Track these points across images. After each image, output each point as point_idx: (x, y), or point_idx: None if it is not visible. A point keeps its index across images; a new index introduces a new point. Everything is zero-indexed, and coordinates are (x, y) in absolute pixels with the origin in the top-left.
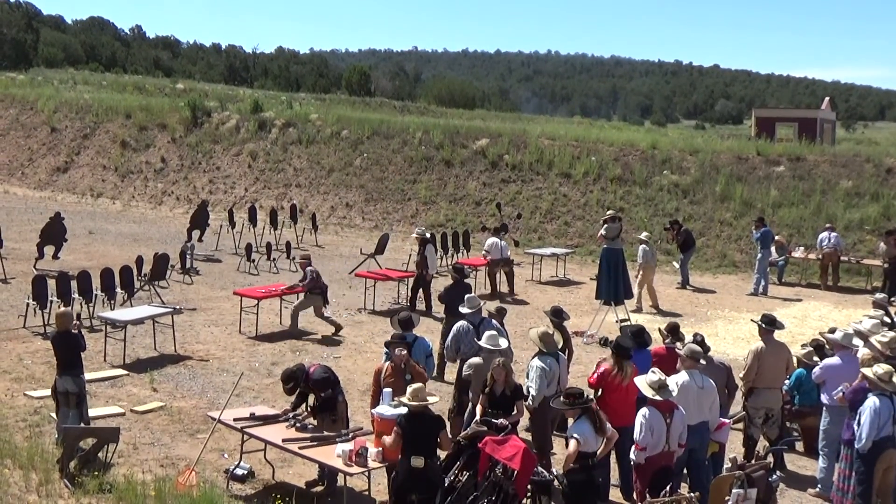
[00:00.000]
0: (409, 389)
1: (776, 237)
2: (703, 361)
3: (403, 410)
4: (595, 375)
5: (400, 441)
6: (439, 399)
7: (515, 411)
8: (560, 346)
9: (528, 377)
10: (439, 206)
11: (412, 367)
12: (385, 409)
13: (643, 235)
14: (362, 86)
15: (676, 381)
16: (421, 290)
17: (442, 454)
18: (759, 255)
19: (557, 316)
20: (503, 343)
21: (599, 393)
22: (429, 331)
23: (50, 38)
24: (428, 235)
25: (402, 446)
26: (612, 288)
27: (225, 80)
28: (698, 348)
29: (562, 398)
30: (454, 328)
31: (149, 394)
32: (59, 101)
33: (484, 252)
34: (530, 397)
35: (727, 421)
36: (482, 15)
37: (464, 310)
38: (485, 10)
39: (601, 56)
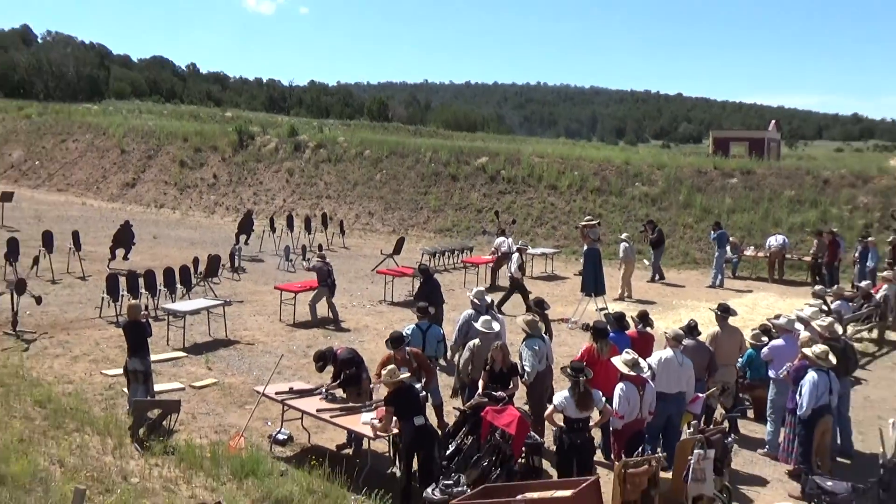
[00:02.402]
0: (384, 372)
1: (731, 238)
2: (685, 343)
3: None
4: (580, 355)
5: (392, 415)
6: (409, 374)
7: (512, 385)
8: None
9: (521, 357)
10: (447, 213)
11: (420, 358)
12: (366, 416)
13: (624, 236)
14: (381, 113)
15: (661, 356)
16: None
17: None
18: (717, 254)
19: (540, 306)
20: (496, 326)
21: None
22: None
23: (119, 75)
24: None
25: (399, 415)
26: (593, 282)
27: (266, 109)
28: (681, 332)
29: (569, 370)
30: (461, 317)
31: (204, 372)
32: (127, 127)
33: (493, 249)
34: (526, 374)
35: (701, 395)
36: (482, 52)
37: (473, 299)
38: (484, 48)
39: (582, 86)
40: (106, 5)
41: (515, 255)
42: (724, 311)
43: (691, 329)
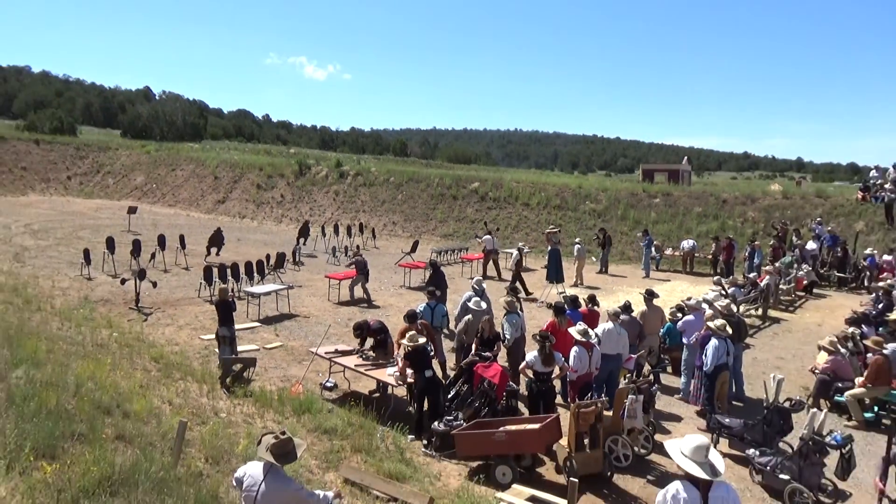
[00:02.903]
0: (407, 336)
1: (654, 242)
2: (622, 317)
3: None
4: (546, 326)
5: (407, 365)
6: (425, 340)
7: (496, 348)
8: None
9: (503, 328)
10: (449, 223)
11: (427, 328)
12: (390, 369)
13: (577, 240)
14: (402, 150)
15: (604, 327)
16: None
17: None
18: (644, 253)
19: (514, 291)
20: (483, 305)
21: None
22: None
23: (213, 122)
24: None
25: (414, 368)
26: (555, 273)
27: (319, 147)
28: (618, 309)
29: (538, 336)
30: (464, 297)
31: (273, 337)
32: (219, 160)
33: (480, 241)
34: (507, 340)
35: (634, 356)
36: (476, 105)
37: (473, 285)
38: (477, 102)
39: (547, 131)
40: (205, 71)
41: (515, 252)
42: (650, 295)
43: (626, 308)
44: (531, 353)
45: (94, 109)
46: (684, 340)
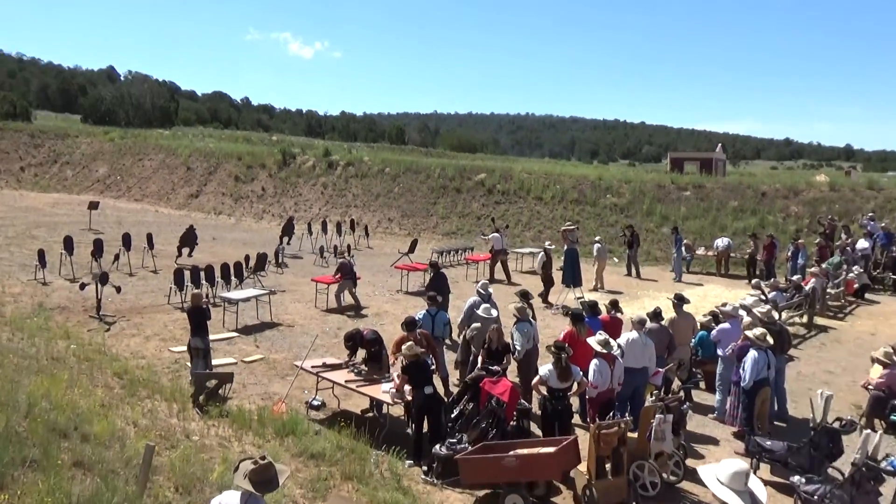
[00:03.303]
0: (405, 346)
1: (685, 241)
2: (649, 326)
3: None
4: (562, 336)
5: (406, 382)
6: (424, 351)
7: (505, 361)
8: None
9: (513, 338)
10: (452, 220)
11: (427, 339)
12: (386, 386)
13: (597, 238)
14: (399, 137)
15: (628, 336)
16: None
17: (439, 385)
18: (675, 254)
19: (525, 297)
20: (494, 313)
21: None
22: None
23: (186, 106)
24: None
25: (413, 384)
26: (572, 276)
27: (305, 134)
28: (644, 317)
29: (553, 348)
30: (468, 302)
31: (253, 349)
32: (192, 148)
33: (487, 240)
34: (517, 352)
35: (662, 370)
36: (482, 87)
37: (479, 289)
38: (484, 83)
39: (563, 116)
40: (176, 49)
41: (542, 254)
42: (680, 300)
43: (656, 314)
44: (545, 367)
45: (51, 92)
46: (719, 352)
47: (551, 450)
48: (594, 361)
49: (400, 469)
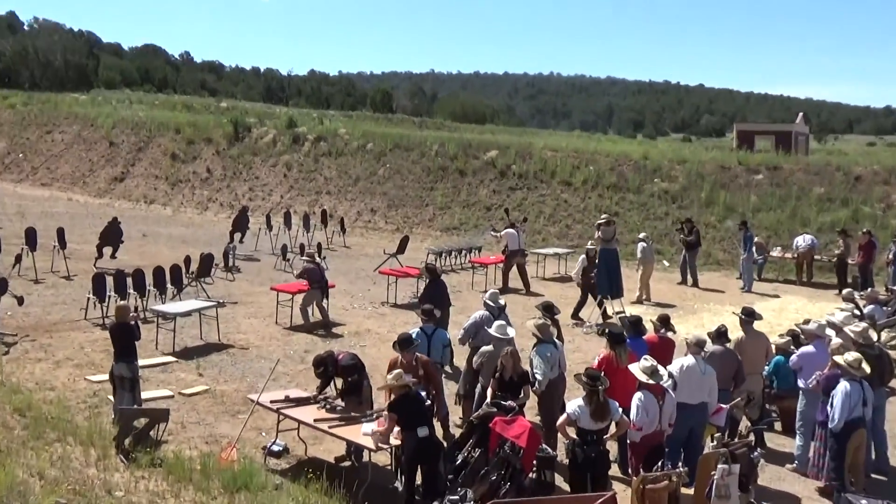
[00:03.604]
0: (390, 375)
1: (756, 239)
2: (710, 349)
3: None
4: (597, 363)
5: (394, 424)
6: (415, 381)
7: (522, 394)
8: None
9: (532, 364)
10: (453, 211)
11: (428, 368)
12: (367, 427)
13: (641, 235)
14: (385, 104)
15: (682, 363)
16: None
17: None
18: (743, 256)
19: (549, 311)
20: (511, 332)
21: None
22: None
23: (109, 63)
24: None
25: (403, 425)
26: (609, 284)
27: (263, 99)
28: (704, 338)
29: (584, 377)
30: (474, 316)
31: (195, 378)
32: (116, 118)
33: (500, 237)
34: (537, 382)
35: (725, 406)
36: (491, 40)
37: (486, 300)
38: (494, 35)
39: (598, 76)
40: None
41: (582, 257)
42: (748, 316)
43: (720, 334)
44: (574, 402)
45: None
46: (800, 383)
47: None
48: (638, 395)
49: None
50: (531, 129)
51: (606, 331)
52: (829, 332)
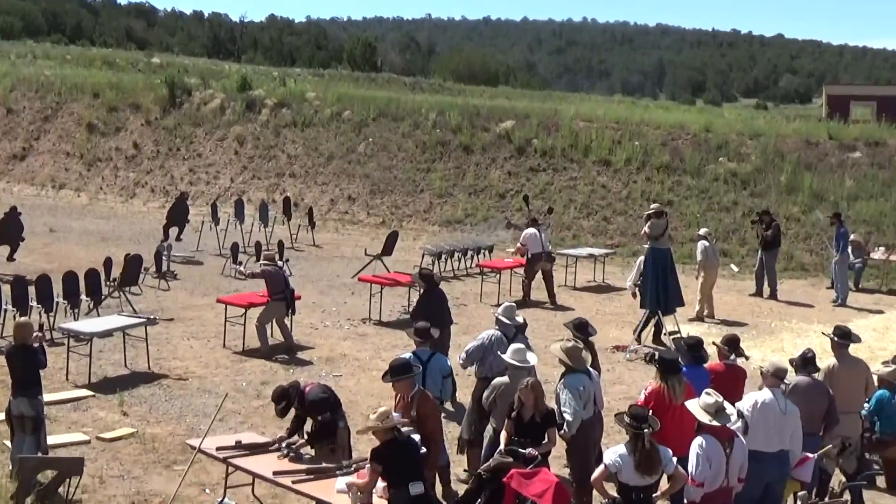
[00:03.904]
0: (375, 414)
1: (852, 235)
2: (792, 381)
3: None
4: (644, 398)
5: (377, 477)
6: (406, 421)
7: (546, 440)
8: (589, 364)
9: (559, 400)
10: (457, 198)
11: (425, 407)
12: (343, 482)
13: (702, 231)
14: (367, 60)
15: (756, 398)
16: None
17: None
18: (836, 259)
19: (582, 331)
20: (532, 358)
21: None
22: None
23: (6, 6)
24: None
25: (390, 479)
26: (660, 294)
27: (208, 54)
28: (785, 366)
29: (627, 417)
30: (482, 337)
31: (118, 418)
32: (15, 77)
33: (520, 244)
34: (566, 424)
35: (812, 456)
36: None
37: (500, 316)
38: None
39: (645, 24)
40: None
41: (640, 261)
42: (842, 337)
43: (806, 362)
44: (614, 450)
45: None
46: None
47: None
48: (698, 441)
49: None
50: (558, 92)
51: (656, 357)
52: None
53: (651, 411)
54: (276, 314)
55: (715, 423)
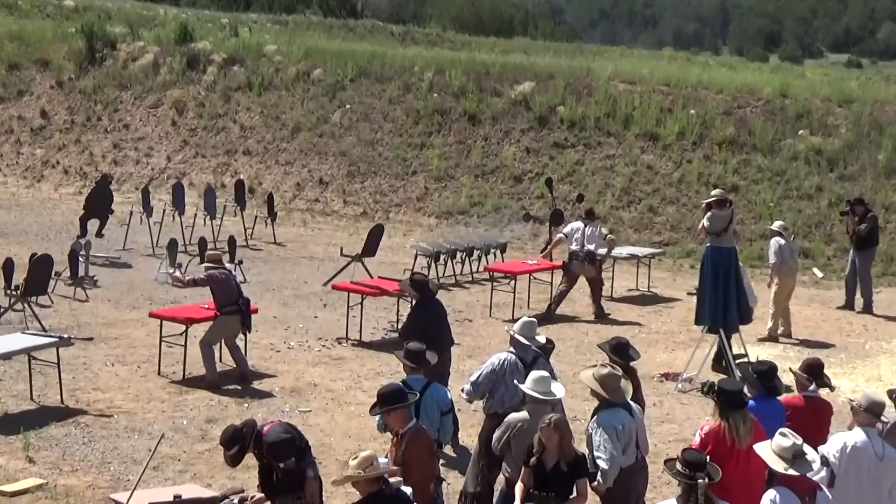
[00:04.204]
0: (356, 460)
1: None
2: (890, 418)
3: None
4: (700, 439)
5: None
6: (394, 470)
7: (575, 493)
8: (630, 396)
9: (591, 443)
10: (459, 182)
11: (414, 441)
12: None
13: (776, 225)
14: (344, 3)
15: (846, 440)
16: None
17: None
18: None
19: (621, 354)
20: (558, 390)
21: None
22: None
23: None
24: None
25: None
26: (722, 307)
27: None
28: (883, 399)
29: (678, 465)
30: (493, 362)
31: (22, 466)
32: None
33: (561, 236)
34: (600, 473)
35: None
36: None
37: (515, 334)
38: None
39: None
40: None
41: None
42: None
43: None
44: None
45: None
46: None
47: None
48: (770, 495)
49: None
50: (591, 45)
51: (715, 387)
52: None
53: (708, 456)
54: (226, 332)
55: (792, 472)
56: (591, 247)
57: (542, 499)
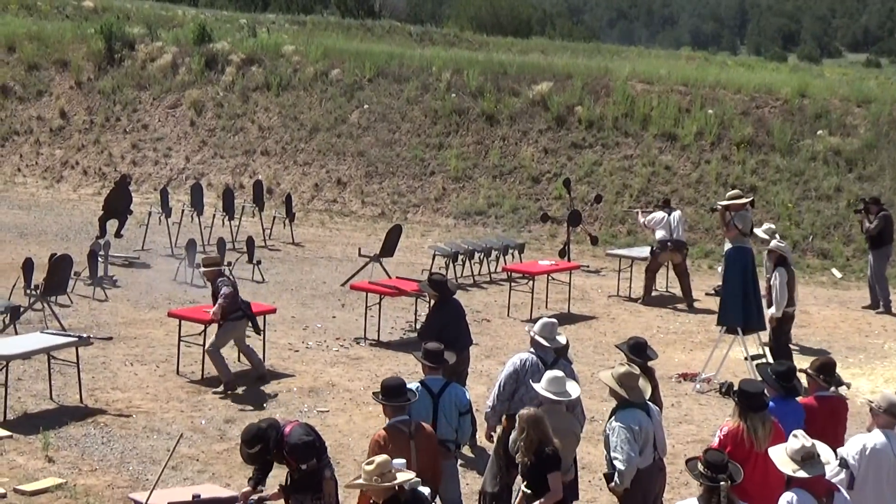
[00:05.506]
0: (371, 465)
1: None
2: None
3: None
4: (719, 440)
5: None
6: (413, 474)
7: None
8: (647, 396)
9: (608, 444)
10: (477, 183)
11: (427, 443)
12: None
13: (763, 228)
14: (362, 3)
15: (865, 442)
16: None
17: None
18: None
19: (639, 354)
20: (573, 390)
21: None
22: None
23: None
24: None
25: None
26: (744, 308)
27: None
28: None
29: (700, 466)
30: (514, 362)
31: (41, 465)
32: None
33: (645, 222)
34: (617, 473)
35: None
36: None
37: (535, 335)
38: None
39: None
40: None
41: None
42: None
43: None
44: None
45: None
46: None
47: None
48: (788, 497)
49: None
50: (608, 44)
51: (735, 388)
52: None
53: (728, 458)
54: (232, 336)
55: (802, 474)
56: (682, 236)
57: (527, 497)
